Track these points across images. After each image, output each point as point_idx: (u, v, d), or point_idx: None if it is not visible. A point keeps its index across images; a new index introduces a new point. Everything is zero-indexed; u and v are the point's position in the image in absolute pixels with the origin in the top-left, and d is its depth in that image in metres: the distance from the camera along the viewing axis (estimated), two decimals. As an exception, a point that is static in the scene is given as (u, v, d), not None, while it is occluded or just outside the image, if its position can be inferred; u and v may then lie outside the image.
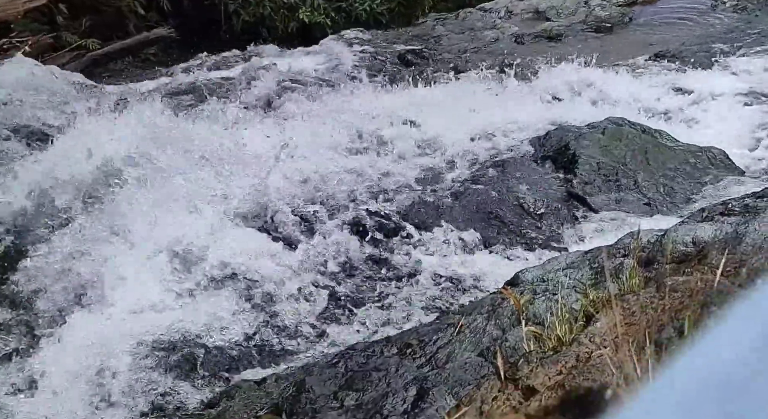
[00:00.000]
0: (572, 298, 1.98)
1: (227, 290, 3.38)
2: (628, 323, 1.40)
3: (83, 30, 7.05)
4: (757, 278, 1.30)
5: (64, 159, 3.87)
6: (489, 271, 3.36)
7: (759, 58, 6.31)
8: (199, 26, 8.77)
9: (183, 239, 3.55)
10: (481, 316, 2.16)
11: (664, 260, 1.78)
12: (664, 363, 1.18)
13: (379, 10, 9.18)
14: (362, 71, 6.87)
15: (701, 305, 1.29)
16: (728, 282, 1.34)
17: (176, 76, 6.57)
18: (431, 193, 4.21)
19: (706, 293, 1.33)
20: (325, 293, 3.34)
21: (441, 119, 5.23)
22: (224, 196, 3.90)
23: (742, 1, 7.65)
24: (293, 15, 8.95)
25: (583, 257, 2.41)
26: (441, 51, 7.56)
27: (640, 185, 4.02)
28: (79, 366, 2.94)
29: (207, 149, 4.40)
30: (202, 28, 8.79)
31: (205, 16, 8.95)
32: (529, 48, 7.38)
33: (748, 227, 1.55)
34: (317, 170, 4.43)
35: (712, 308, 1.28)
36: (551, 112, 5.38)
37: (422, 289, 3.32)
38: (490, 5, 8.77)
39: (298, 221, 3.92)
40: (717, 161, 4.20)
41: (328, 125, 5.18)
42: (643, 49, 6.93)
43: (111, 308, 3.17)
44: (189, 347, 3.02)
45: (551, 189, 4.11)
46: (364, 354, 2.25)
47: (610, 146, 4.32)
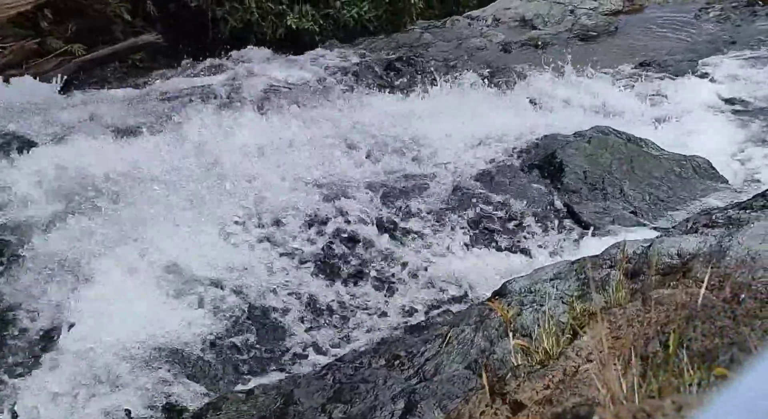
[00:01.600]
0: (559, 309, 1.99)
1: (213, 301, 3.36)
2: (615, 336, 1.41)
3: (69, 35, 6.99)
4: (740, 293, 1.32)
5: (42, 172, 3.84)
6: (477, 279, 3.36)
7: (742, 68, 6.40)
8: (186, 32, 8.74)
9: (166, 250, 3.53)
10: (469, 327, 2.17)
11: (650, 272, 1.79)
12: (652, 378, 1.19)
13: (367, 17, 9.21)
14: (350, 79, 6.88)
15: (686, 319, 1.31)
16: (712, 296, 1.36)
17: (162, 83, 6.54)
18: (419, 200, 4.21)
19: (691, 306, 1.34)
20: (312, 302, 3.33)
21: (428, 126, 5.25)
22: (208, 205, 3.88)
23: (725, 12, 7.76)
24: (281, 21, 8.95)
25: (570, 268, 2.43)
26: (428, 59, 7.58)
27: (626, 193, 4.06)
28: (62, 379, 2.91)
29: (190, 157, 4.39)
30: (190, 34, 8.76)
31: (192, 21, 8.93)
32: (516, 56, 7.43)
33: (731, 240, 1.57)
34: (303, 176, 4.43)
35: (696, 323, 1.30)
36: (538, 120, 5.42)
37: (410, 297, 3.32)
38: (477, 13, 8.82)
39: (284, 228, 3.91)
40: (701, 170, 4.24)
41: (314, 132, 5.18)
42: (628, 58, 7.00)
43: (96, 320, 3.14)
44: (175, 358, 3.00)
45: (538, 197, 4.14)
46: (352, 365, 2.25)
47: (596, 154, 4.35)
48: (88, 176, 4.16)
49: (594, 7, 8.29)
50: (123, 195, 3.96)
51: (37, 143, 4.59)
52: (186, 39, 8.46)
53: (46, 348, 3.07)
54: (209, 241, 3.71)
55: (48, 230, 3.59)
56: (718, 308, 1.29)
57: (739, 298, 1.31)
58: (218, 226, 3.81)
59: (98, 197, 4.00)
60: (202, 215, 3.87)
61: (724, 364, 1.13)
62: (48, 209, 3.75)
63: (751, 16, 7.62)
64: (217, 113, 5.63)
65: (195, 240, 3.68)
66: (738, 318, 1.25)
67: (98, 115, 5.23)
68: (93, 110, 5.40)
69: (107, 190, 4.02)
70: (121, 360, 3.01)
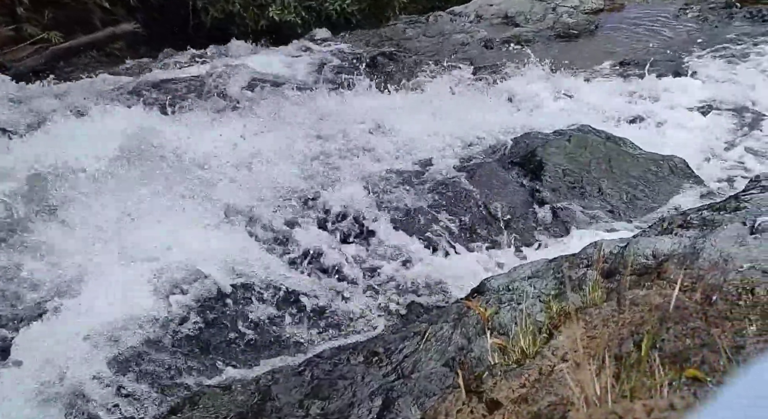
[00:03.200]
0: (536, 308, 2.01)
1: (190, 295, 3.34)
2: (590, 336, 1.43)
3: (46, 23, 6.87)
4: (712, 294, 1.35)
5: (23, 162, 3.77)
6: (456, 276, 3.38)
7: (719, 68, 6.50)
8: (166, 22, 8.64)
9: (145, 241, 3.50)
10: (447, 325, 2.18)
11: (625, 273, 1.82)
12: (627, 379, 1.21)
13: (350, 11, 9.19)
14: (331, 72, 6.86)
15: (660, 321, 1.33)
16: (685, 298, 1.38)
17: (141, 74, 6.46)
18: (399, 197, 4.22)
19: (664, 308, 1.37)
20: (290, 297, 3.33)
21: (410, 122, 5.25)
22: (187, 199, 3.85)
23: (703, 13, 7.86)
24: (263, 13, 8.89)
25: (548, 266, 2.45)
26: (411, 54, 7.59)
27: (604, 192, 4.11)
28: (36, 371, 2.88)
29: (168, 151, 4.34)
30: (170, 24, 8.66)
31: (172, 11, 8.82)
32: (498, 53, 7.46)
33: (705, 242, 1.60)
34: (282, 171, 4.41)
35: (669, 324, 1.32)
36: (519, 117, 5.46)
37: (389, 293, 3.34)
38: (460, 9, 8.83)
39: (263, 224, 3.90)
40: (678, 170, 4.31)
41: (295, 126, 5.16)
42: (608, 57, 7.07)
43: (72, 312, 3.11)
44: (151, 352, 2.98)
45: (518, 195, 4.17)
46: (331, 361, 2.25)
47: (576, 153, 4.39)
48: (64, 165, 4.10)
49: (575, 6, 8.35)
50: (100, 187, 3.92)
51: (12, 131, 4.51)
52: (166, 29, 8.36)
53: (14, 339, 3.03)
54: (188, 234, 3.68)
55: (24, 219, 3.53)
56: (691, 310, 1.32)
57: (711, 300, 1.33)
58: (197, 219, 3.78)
59: (74, 188, 3.94)
60: (180, 208, 3.84)
61: (695, 365, 1.15)
62: (23, 198, 3.69)
63: (728, 17, 7.73)
64: (197, 106, 5.58)
65: (174, 233, 3.65)
66: (709, 319, 1.27)
67: (73, 104, 5.15)
68: (68, 99, 5.32)
69: (83, 181, 3.97)
70: (95, 353, 2.98)
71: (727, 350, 1.13)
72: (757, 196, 2.04)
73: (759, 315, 1.23)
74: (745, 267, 1.40)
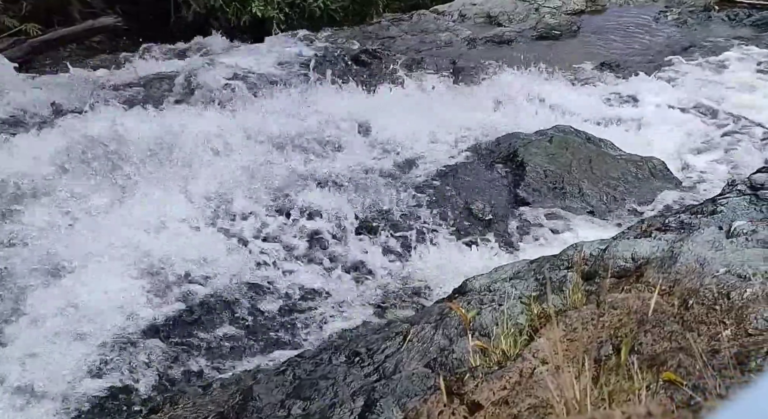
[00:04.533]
0: (517, 309, 2.03)
1: (169, 293, 3.32)
2: (570, 339, 1.45)
3: (23, 14, 6.75)
4: (689, 298, 1.38)
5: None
6: (438, 275, 3.40)
7: (698, 70, 6.59)
8: (147, 15, 8.54)
9: (122, 239, 3.47)
10: (429, 325, 2.20)
11: (605, 275, 1.85)
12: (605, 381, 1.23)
13: (333, 7, 9.16)
14: (314, 69, 6.83)
15: (638, 324, 1.35)
16: (663, 301, 1.41)
17: (120, 69, 6.38)
18: (382, 196, 4.23)
19: (643, 311, 1.39)
20: (271, 296, 3.32)
21: (393, 121, 5.25)
22: (167, 195, 3.82)
23: (682, 16, 7.96)
24: (245, 8, 8.82)
25: (528, 267, 2.48)
26: (394, 52, 7.58)
27: (585, 193, 4.15)
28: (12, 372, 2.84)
29: (147, 146, 4.30)
30: (151, 18, 8.56)
31: (153, 5, 8.73)
32: (481, 52, 7.49)
33: (682, 246, 1.63)
34: (262, 169, 4.38)
35: (647, 327, 1.35)
36: (501, 117, 5.48)
37: (370, 292, 3.34)
38: (444, 8, 8.85)
39: (243, 222, 3.88)
40: (657, 171, 4.37)
41: (275, 123, 5.13)
42: (589, 58, 7.13)
43: (49, 309, 3.07)
44: (131, 351, 2.96)
45: (500, 195, 4.20)
46: (312, 361, 2.26)
47: (557, 154, 4.43)
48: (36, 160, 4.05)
49: (558, 6, 8.41)
50: (77, 182, 3.87)
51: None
52: (147, 23, 8.27)
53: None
54: (165, 231, 3.65)
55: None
56: (668, 314, 1.34)
57: (688, 304, 1.36)
58: (174, 216, 3.75)
59: (51, 183, 3.89)
60: (157, 205, 3.81)
61: (672, 369, 1.17)
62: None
63: (706, 20, 7.85)
64: (175, 100, 5.54)
65: (150, 230, 3.62)
66: (686, 323, 1.30)
67: (51, 99, 5.08)
68: (46, 93, 5.24)
69: (60, 176, 3.92)
70: (73, 352, 2.95)
71: (703, 354, 1.15)
72: (733, 200, 2.08)
73: (734, 320, 1.26)
74: (721, 272, 1.43)
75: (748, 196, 2.06)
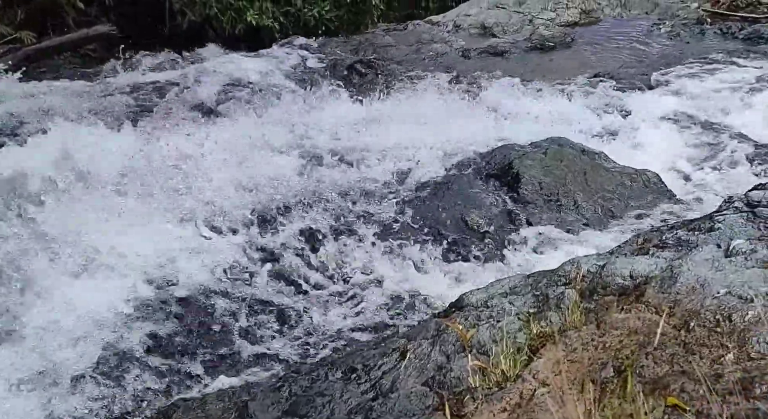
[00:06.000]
0: (515, 326, 2.02)
1: (162, 303, 3.29)
2: (570, 360, 1.44)
3: (18, 22, 6.72)
4: (690, 320, 1.37)
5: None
6: (434, 289, 3.39)
7: (691, 83, 6.63)
8: (142, 24, 8.54)
9: (114, 249, 3.44)
10: (426, 341, 2.18)
11: (604, 293, 1.84)
12: (604, 403, 1.22)
13: (328, 17, 9.19)
14: (308, 79, 6.83)
15: (639, 346, 1.35)
16: (664, 323, 1.40)
17: (114, 77, 6.36)
18: (376, 209, 4.22)
19: (644, 333, 1.39)
20: (266, 309, 3.30)
21: (386, 131, 5.26)
22: (158, 206, 3.80)
23: (675, 29, 8.03)
24: (240, 17, 8.83)
25: (526, 282, 2.47)
26: (389, 62, 7.61)
27: (580, 205, 4.16)
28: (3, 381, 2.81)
29: (141, 156, 4.28)
30: (146, 26, 8.56)
31: (148, 13, 8.72)
32: (475, 63, 7.52)
33: (682, 266, 1.63)
34: (254, 180, 4.36)
35: (649, 349, 1.34)
36: (496, 128, 5.49)
37: (367, 306, 3.33)
38: (438, 19, 8.90)
39: (237, 234, 3.85)
40: (651, 184, 4.38)
41: (268, 133, 5.11)
42: (583, 69, 7.17)
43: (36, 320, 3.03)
44: (123, 362, 2.93)
45: (495, 207, 4.20)
46: (309, 377, 2.24)
47: (552, 166, 4.44)
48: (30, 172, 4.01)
49: (552, 18, 8.46)
50: (69, 192, 3.84)
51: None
52: (142, 31, 8.26)
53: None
54: (159, 243, 3.62)
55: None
56: (669, 336, 1.34)
57: (689, 325, 1.36)
58: (169, 227, 3.73)
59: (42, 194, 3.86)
60: (152, 216, 3.78)
61: (675, 393, 1.17)
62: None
63: (699, 33, 7.92)
64: (169, 110, 5.52)
65: (144, 241, 3.59)
66: (687, 345, 1.30)
67: (47, 108, 5.05)
68: (41, 102, 5.22)
69: (52, 186, 3.89)
70: (63, 364, 2.92)
71: (706, 378, 1.15)
72: (730, 217, 2.08)
73: (736, 343, 1.26)
74: (721, 293, 1.43)
75: (745, 213, 2.07)
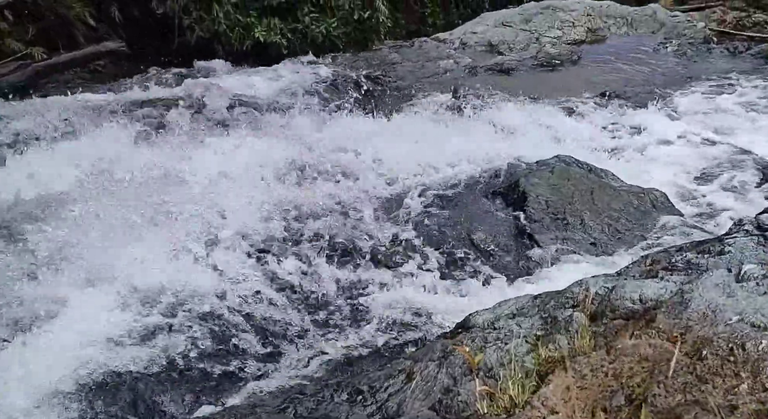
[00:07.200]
0: (523, 349, 2.00)
1: (168, 323, 3.27)
2: (580, 386, 1.42)
3: (29, 39, 6.80)
4: (702, 348, 1.35)
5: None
6: (440, 308, 3.37)
7: (698, 102, 6.63)
8: (151, 40, 8.62)
9: (122, 269, 3.43)
10: (432, 363, 2.16)
11: (613, 317, 1.82)
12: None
13: (335, 34, 9.25)
14: (315, 96, 6.87)
15: (650, 374, 1.33)
16: (675, 349, 1.39)
17: (123, 93, 6.40)
18: (382, 225, 4.22)
19: (655, 360, 1.37)
20: (269, 327, 3.28)
21: (392, 148, 5.26)
22: (167, 224, 3.80)
23: (682, 47, 8.05)
24: (249, 33, 8.90)
25: (533, 303, 2.45)
26: (396, 78, 7.65)
27: (587, 224, 4.14)
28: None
29: (145, 172, 4.29)
30: (155, 42, 8.64)
31: (157, 29, 8.81)
32: (481, 80, 7.54)
33: (693, 291, 1.61)
34: (262, 198, 4.37)
35: (660, 378, 1.32)
36: (502, 145, 5.49)
37: (372, 326, 3.30)
38: (445, 36, 8.94)
39: (239, 250, 3.84)
40: (658, 203, 4.36)
41: (274, 149, 5.12)
42: (590, 87, 7.18)
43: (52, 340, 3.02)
44: (124, 382, 2.90)
45: (501, 226, 4.18)
46: (314, 399, 2.22)
47: (559, 184, 4.43)
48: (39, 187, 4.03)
49: (558, 36, 8.50)
50: (79, 209, 3.84)
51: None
52: (151, 47, 8.34)
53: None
54: (160, 259, 3.61)
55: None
56: (681, 363, 1.32)
57: (701, 354, 1.34)
58: (177, 246, 3.72)
59: (52, 210, 3.87)
60: (160, 235, 3.78)
61: (688, 424, 1.15)
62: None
63: (706, 52, 7.93)
64: (176, 126, 5.54)
65: (146, 258, 3.58)
66: (700, 374, 1.28)
67: (51, 124, 5.08)
68: (47, 118, 5.24)
69: (63, 203, 3.90)
70: (69, 384, 2.90)
71: (721, 410, 1.13)
72: (741, 240, 2.07)
73: (750, 373, 1.24)
74: (734, 320, 1.41)
75: (755, 236, 2.05)
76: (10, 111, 5.23)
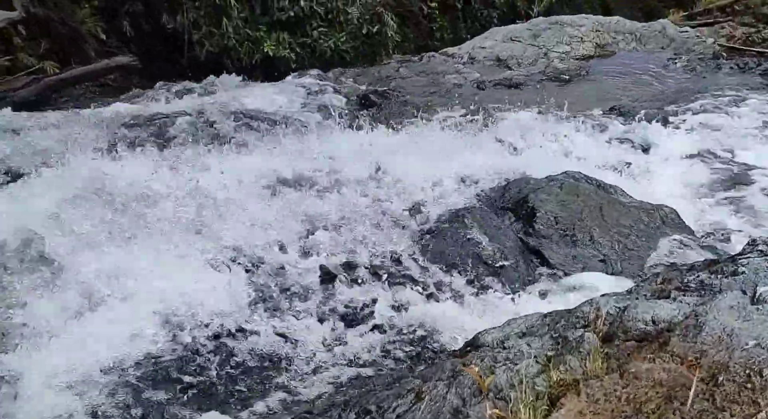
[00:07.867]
0: (533, 369, 1.97)
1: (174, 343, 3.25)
2: (593, 411, 1.40)
3: (41, 53, 6.87)
4: (718, 374, 1.33)
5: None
6: (449, 325, 3.34)
7: (707, 117, 6.60)
8: (161, 54, 8.69)
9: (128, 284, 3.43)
10: (441, 383, 2.14)
11: (625, 338, 1.80)
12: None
13: (344, 48, 9.31)
14: (323, 110, 6.88)
15: (665, 399, 1.30)
16: (690, 375, 1.36)
17: (133, 107, 6.44)
18: (389, 241, 4.19)
19: (670, 385, 1.34)
20: (278, 345, 3.25)
21: (401, 162, 5.25)
22: (174, 239, 3.80)
23: (691, 63, 8.03)
24: (258, 48, 8.97)
25: (543, 322, 2.42)
26: (404, 93, 7.66)
27: (596, 241, 4.11)
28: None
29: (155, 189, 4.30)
30: (165, 57, 8.71)
31: (168, 44, 8.89)
32: (490, 95, 7.55)
33: (707, 314, 1.59)
34: (268, 211, 4.36)
35: (675, 404, 1.30)
36: (510, 160, 5.47)
37: (379, 342, 3.27)
38: (453, 51, 8.96)
39: (248, 265, 3.83)
40: (668, 220, 4.33)
41: (283, 163, 5.13)
42: (598, 103, 7.18)
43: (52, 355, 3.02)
44: (132, 403, 2.89)
45: (510, 241, 4.16)
46: (322, 418, 2.20)
47: (568, 200, 4.41)
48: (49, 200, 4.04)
49: (567, 51, 8.51)
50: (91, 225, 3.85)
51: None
52: (161, 61, 8.41)
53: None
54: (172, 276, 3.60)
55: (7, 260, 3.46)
56: (697, 389, 1.29)
57: (718, 380, 1.31)
58: (182, 260, 3.72)
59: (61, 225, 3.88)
60: (165, 249, 3.77)
61: (705, 454, 1.12)
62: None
63: (716, 68, 7.92)
64: (185, 140, 5.56)
65: (156, 276, 3.57)
66: (717, 401, 1.25)
67: (66, 138, 5.11)
68: (58, 133, 5.28)
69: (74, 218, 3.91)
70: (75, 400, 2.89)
71: (738, 439, 1.10)
72: (755, 261, 2.04)
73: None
74: (750, 345, 1.38)
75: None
76: (20, 125, 5.27)
